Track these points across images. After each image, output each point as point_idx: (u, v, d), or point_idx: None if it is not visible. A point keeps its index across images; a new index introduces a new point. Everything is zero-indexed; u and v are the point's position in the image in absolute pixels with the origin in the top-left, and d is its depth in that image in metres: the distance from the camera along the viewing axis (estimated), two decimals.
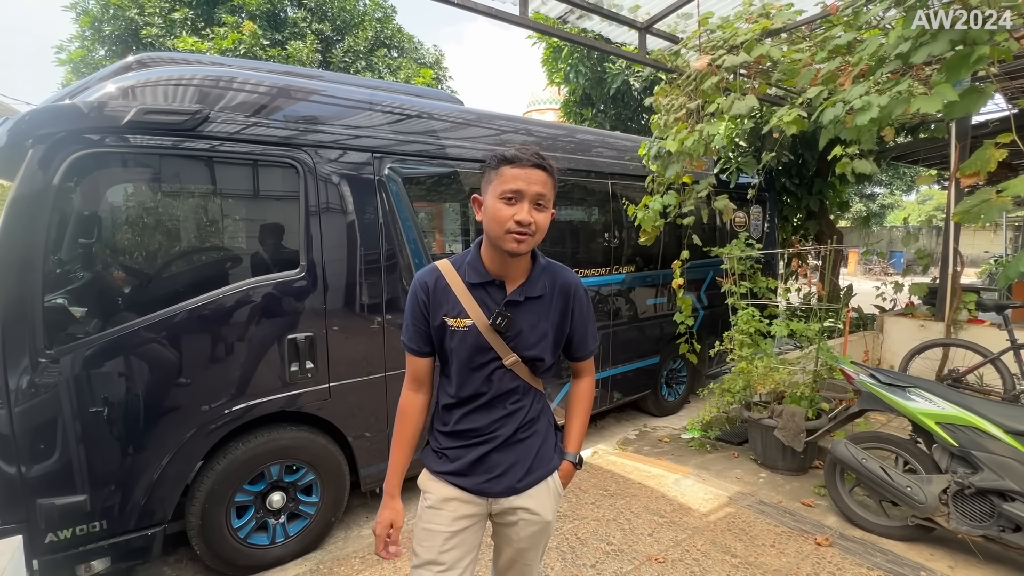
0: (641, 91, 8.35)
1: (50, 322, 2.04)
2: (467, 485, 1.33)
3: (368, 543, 2.73)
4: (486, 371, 1.29)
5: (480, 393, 1.30)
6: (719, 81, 3.11)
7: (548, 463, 1.39)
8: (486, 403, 1.31)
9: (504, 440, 1.32)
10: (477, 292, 1.28)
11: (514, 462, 1.33)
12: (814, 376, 3.70)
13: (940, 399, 2.57)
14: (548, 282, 1.33)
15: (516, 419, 1.34)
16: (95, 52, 10.84)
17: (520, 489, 1.34)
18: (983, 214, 2.03)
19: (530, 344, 1.30)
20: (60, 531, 2.08)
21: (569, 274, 1.38)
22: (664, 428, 4.51)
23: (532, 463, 1.36)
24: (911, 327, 4.81)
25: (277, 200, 2.65)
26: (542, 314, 1.31)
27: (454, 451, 1.34)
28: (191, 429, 2.33)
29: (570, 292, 1.35)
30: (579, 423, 1.47)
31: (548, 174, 1.20)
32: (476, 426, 1.32)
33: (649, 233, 3.77)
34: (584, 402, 1.48)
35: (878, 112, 2.20)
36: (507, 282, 1.29)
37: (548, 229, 1.25)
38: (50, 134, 2.02)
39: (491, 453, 1.32)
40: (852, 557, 2.53)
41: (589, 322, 1.41)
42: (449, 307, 1.28)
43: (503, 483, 1.33)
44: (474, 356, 1.28)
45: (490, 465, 1.32)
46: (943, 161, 6.06)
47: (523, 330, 1.29)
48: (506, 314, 1.26)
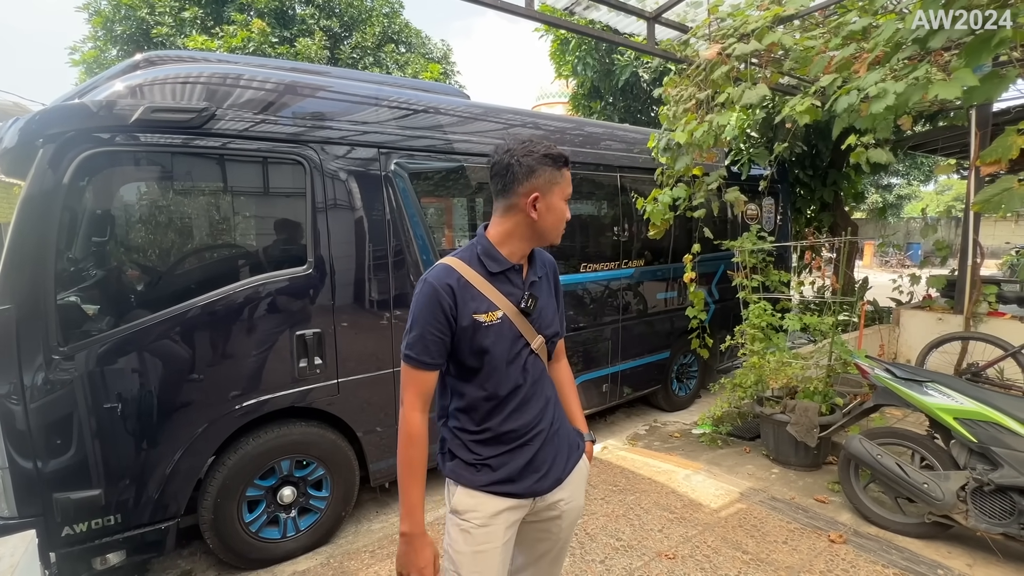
0: (650, 82, 8.25)
1: (63, 319, 2.07)
2: (518, 491, 1.27)
3: (378, 537, 2.75)
4: (520, 360, 1.27)
5: (519, 386, 1.26)
6: (730, 70, 3.05)
7: (578, 447, 1.42)
8: (525, 396, 1.28)
9: (546, 430, 1.31)
10: (498, 282, 1.25)
11: (556, 454, 1.33)
12: (828, 371, 3.64)
13: (959, 394, 2.51)
14: (541, 261, 1.39)
15: (551, 408, 1.34)
16: (108, 52, 10.98)
17: (563, 479, 1.34)
18: (1004, 203, 1.97)
19: (548, 321, 1.34)
20: (76, 525, 2.12)
21: (546, 255, 1.44)
22: (675, 423, 4.48)
23: (569, 451, 1.38)
24: (928, 320, 4.71)
25: (285, 197, 2.66)
26: (547, 291, 1.38)
27: (497, 459, 1.26)
28: (203, 424, 2.36)
29: (550, 269, 1.43)
30: (578, 402, 1.53)
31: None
32: (518, 424, 1.26)
33: (659, 227, 3.73)
34: (573, 383, 1.54)
35: (894, 99, 2.14)
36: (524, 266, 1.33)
37: None
38: (60, 133, 2.04)
39: (537, 452, 1.29)
40: (867, 554, 2.49)
41: (562, 302, 1.48)
42: (477, 304, 1.22)
43: (551, 477, 1.31)
44: (511, 347, 1.25)
45: (538, 464, 1.28)
46: (963, 150, 5.89)
47: (542, 308, 1.32)
48: (535, 294, 1.29)
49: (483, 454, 1.26)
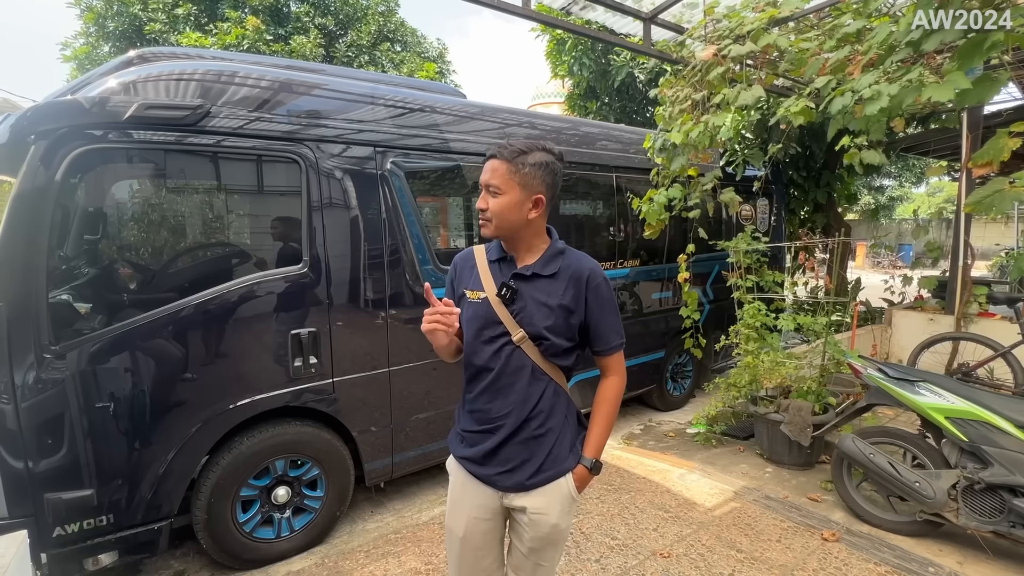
0: (646, 83, 8.27)
1: (55, 318, 2.04)
2: (479, 474, 1.38)
3: (373, 537, 2.74)
4: (495, 344, 1.33)
5: (488, 368, 1.34)
6: (725, 71, 3.06)
7: (561, 463, 1.36)
8: (494, 379, 1.34)
9: (512, 432, 1.33)
10: (494, 268, 1.38)
11: (526, 459, 1.34)
12: (821, 370, 3.67)
13: (950, 393, 2.54)
14: (562, 265, 1.35)
15: (525, 409, 1.33)
16: (100, 49, 10.87)
17: (529, 487, 1.34)
18: (995, 205, 1.99)
19: (534, 320, 1.32)
20: (68, 525, 2.10)
21: (587, 263, 1.37)
22: (669, 423, 4.50)
23: (544, 462, 1.34)
24: (920, 321, 4.76)
25: (280, 195, 2.65)
26: (552, 293, 1.33)
27: (471, 436, 1.39)
28: (196, 424, 2.34)
29: (583, 279, 1.34)
30: (599, 426, 1.41)
31: (501, 160, 1.29)
32: (486, 407, 1.36)
33: (654, 227, 3.74)
34: (606, 404, 1.42)
35: (888, 101, 2.16)
36: (518, 260, 1.38)
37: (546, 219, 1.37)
38: (52, 130, 2.02)
39: (503, 446, 1.34)
40: (859, 552, 2.51)
41: (608, 314, 1.38)
42: (470, 282, 1.39)
43: (513, 479, 1.34)
44: (484, 328, 1.34)
45: (502, 458, 1.35)
46: (954, 152, 5.96)
47: (528, 305, 1.33)
48: (511, 286, 1.33)
49: (464, 427, 1.42)
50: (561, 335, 1.33)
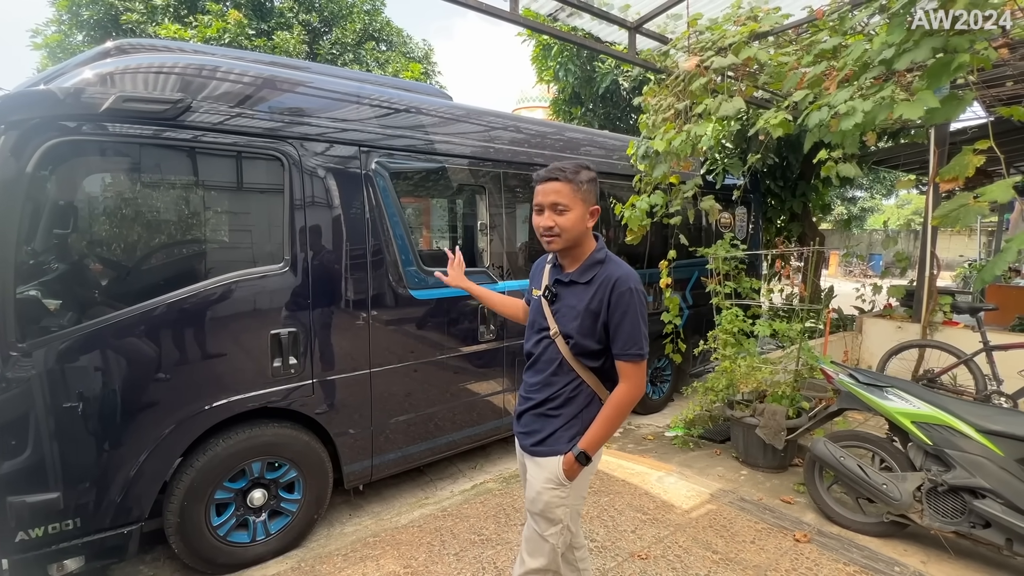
0: (630, 91, 8.39)
1: (22, 315, 1.97)
2: (515, 430, 1.71)
3: (351, 540, 2.71)
4: (539, 335, 1.62)
5: (531, 353, 1.65)
6: (707, 82, 3.13)
7: (556, 444, 1.56)
8: (534, 363, 1.64)
9: (535, 405, 1.61)
10: (551, 272, 1.65)
11: (537, 429, 1.60)
12: (795, 375, 3.76)
13: (916, 399, 2.63)
14: (598, 273, 1.52)
15: (548, 391, 1.58)
16: (73, 37, 10.53)
17: (532, 453, 1.60)
18: (960, 218, 2.08)
19: (565, 321, 1.55)
20: (31, 529, 2.02)
21: (618, 271, 1.51)
22: (648, 426, 4.55)
23: (547, 438, 1.57)
24: (889, 328, 4.92)
25: (261, 193, 2.61)
26: (583, 298, 1.52)
27: (520, 400, 1.70)
28: (169, 425, 2.28)
29: (611, 284, 1.48)
30: (598, 424, 1.53)
31: (563, 182, 1.48)
32: (528, 381, 1.66)
33: (636, 232, 3.79)
34: (609, 407, 1.52)
35: (863, 117, 2.24)
36: (564, 267, 1.61)
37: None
38: (23, 120, 1.95)
39: (526, 413, 1.64)
40: (829, 553, 2.59)
41: (629, 321, 1.47)
42: (537, 283, 1.71)
43: (525, 441, 1.63)
44: (535, 320, 1.65)
45: (524, 423, 1.66)
46: (922, 166, 6.18)
47: (563, 308, 1.57)
48: (552, 289, 1.60)
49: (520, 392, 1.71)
50: (587, 336, 1.51)
